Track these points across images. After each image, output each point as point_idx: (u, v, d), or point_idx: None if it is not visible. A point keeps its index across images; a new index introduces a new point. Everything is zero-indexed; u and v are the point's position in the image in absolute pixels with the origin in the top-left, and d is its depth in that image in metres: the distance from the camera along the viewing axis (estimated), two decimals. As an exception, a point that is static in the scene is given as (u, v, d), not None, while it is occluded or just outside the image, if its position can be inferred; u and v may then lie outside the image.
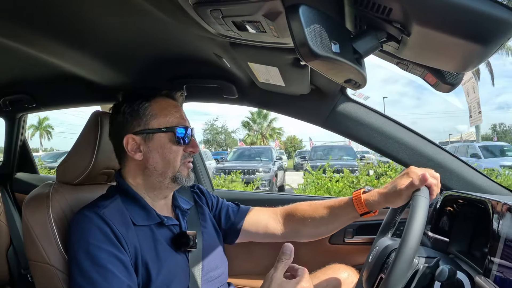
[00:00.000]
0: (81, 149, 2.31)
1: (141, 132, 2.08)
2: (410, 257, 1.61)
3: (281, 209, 2.51)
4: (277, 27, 1.61)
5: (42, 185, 2.28)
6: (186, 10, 1.73)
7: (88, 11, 2.12)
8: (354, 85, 1.53)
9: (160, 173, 2.09)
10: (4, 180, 4.62)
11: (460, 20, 1.17)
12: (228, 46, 2.18)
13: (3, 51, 2.79)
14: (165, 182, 2.10)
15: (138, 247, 1.92)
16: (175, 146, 2.07)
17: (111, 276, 1.76)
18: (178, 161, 2.08)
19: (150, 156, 2.08)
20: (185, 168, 2.12)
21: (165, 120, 2.09)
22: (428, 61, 1.61)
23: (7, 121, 4.60)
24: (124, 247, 1.86)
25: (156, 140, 2.07)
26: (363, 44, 1.43)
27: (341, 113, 2.71)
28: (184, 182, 2.11)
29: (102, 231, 1.84)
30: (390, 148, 2.67)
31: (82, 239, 1.82)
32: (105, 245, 1.81)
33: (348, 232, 3.10)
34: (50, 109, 4.15)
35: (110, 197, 2.05)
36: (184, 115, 2.17)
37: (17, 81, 3.69)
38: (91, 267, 1.76)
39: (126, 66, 2.97)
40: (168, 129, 2.07)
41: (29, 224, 2.08)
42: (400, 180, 2.03)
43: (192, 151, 2.13)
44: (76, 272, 1.78)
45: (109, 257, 1.80)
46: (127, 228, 1.93)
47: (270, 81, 2.51)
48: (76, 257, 1.80)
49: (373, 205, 2.14)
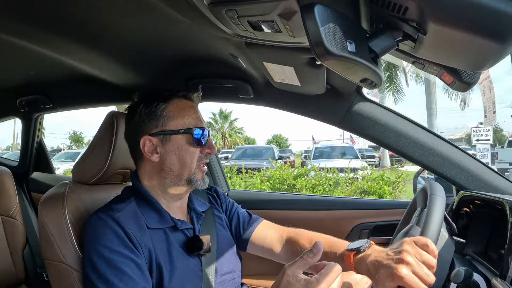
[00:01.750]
0: (97, 149, 2.32)
1: (158, 133, 2.08)
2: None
3: (288, 233, 2.45)
4: (292, 26, 1.61)
5: (58, 184, 2.29)
6: (201, 10, 1.73)
7: (104, 12, 2.13)
8: (370, 84, 1.51)
9: (176, 175, 2.09)
10: (20, 179, 4.63)
11: (477, 18, 1.16)
12: (244, 46, 2.18)
13: (20, 53, 2.81)
14: (180, 184, 2.10)
15: (152, 250, 1.93)
16: (193, 148, 2.07)
17: (127, 278, 1.78)
18: (194, 163, 2.08)
19: (167, 158, 2.08)
20: (200, 171, 2.11)
21: (182, 121, 2.09)
22: (444, 60, 1.60)
23: (23, 122, 4.62)
24: (139, 250, 1.87)
25: (173, 141, 2.07)
26: (379, 43, 1.42)
27: (357, 113, 2.70)
28: (198, 185, 2.10)
29: (117, 234, 1.85)
30: (406, 148, 2.65)
31: (97, 243, 1.84)
32: (120, 248, 1.83)
33: (363, 233, 3.09)
34: (66, 109, 4.17)
35: (125, 200, 2.05)
36: (201, 116, 2.17)
37: (34, 81, 3.71)
38: (107, 269, 1.78)
39: (142, 67, 2.98)
40: (186, 130, 2.07)
41: (45, 223, 2.10)
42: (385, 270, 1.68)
43: (208, 152, 2.12)
44: (92, 275, 1.79)
45: (125, 260, 1.81)
46: (142, 231, 1.94)
47: (285, 81, 2.50)
48: (92, 260, 1.81)
49: (361, 271, 1.90)
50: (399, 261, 1.56)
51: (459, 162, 2.57)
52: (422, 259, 1.56)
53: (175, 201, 2.16)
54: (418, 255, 1.56)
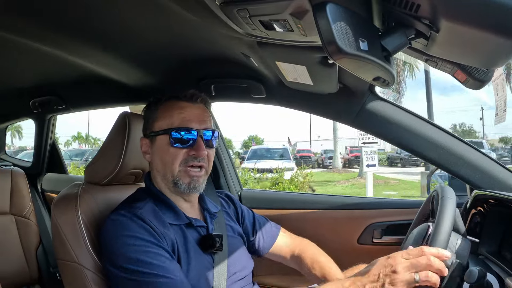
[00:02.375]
0: (109, 150, 2.34)
1: (147, 135, 2.16)
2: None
3: (299, 248, 2.60)
4: (304, 25, 1.60)
5: (71, 185, 2.30)
6: (213, 10, 1.73)
7: (117, 13, 2.14)
8: (383, 83, 1.51)
9: (162, 176, 2.13)
10: (34, 180, 4.66)
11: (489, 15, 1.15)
12: (256, 45, 2.18)
13: (33, 54, 2.83)
14: (169, 186, 2.12)
15: (175, 243, 1.97)
16: (173, 148, 2.07)
17: (164, 259, 1.84)
18: (176, 165, 2.08)
19: (153, 158, 2.16)
20: (186, 176, 2.09)
21: (165, 122, 2.11)
22: (457, 57, 1.59)
23: (36, 123, 4.65)
24: (163, 239, 1.92)
25: (157, 142, 2.12)
26: (392, 42, 1.41)
27: (370, 112, 2.68)
28: (184, 190, 2.10)
29: (142, 226, 1.89)
30: (420, 147, 2.63)
31: (123, 235, 1.87)
32: (147, 237, 1.87)
33: (376, 232, 3.07)
34: (79, 110, 4.20)
35: (142, 200, 2.08)
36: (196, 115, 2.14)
37: (47, 83, 3.74)
38: (138, 253, 1.82)
39: (154, 67, 2.99)
40: (165, 131, 2.09)
41: (58, 223, 2.11)
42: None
43: (194, 154, 2.09)
44: (125, 263, 1.82)
45: (154, 245, 1.86)
46: (164, 226, 1.98)
47: (298, 80, 2.49)
48: (121, 252, 1.84)
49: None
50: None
51: (473, 161, 2.55)
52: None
53: (182, 202, 2.18)
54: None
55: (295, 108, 3.04)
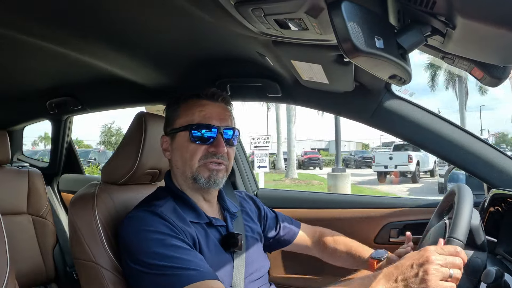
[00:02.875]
0: (126, 150, 2.35)
1: (168, 132, 2.17)
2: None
3: (320, 233, 2.69)
4: (319, 24, 1.60)
5: (88, 185, 2.32)
6: (228, 10, 1.73)
7: (133, 15, 2.16)
8: (399, 81, 1.50)
9: (182, 172, 2.13)
10: (50, 180, 4.71)
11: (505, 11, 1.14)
12: (271, 44, 2.18)
13: (50, 56, 2.86)
14: (189, 183, 2.12)
15: (197, 240, 1.97)
16: (193, 145, 2.07)
17: (188, 251, 1.84)
18: (195, 161, 2.08)
19: (173, 155, 2.16)
20: (205, 170, 2.09)
21: (185, 119, 2.12)
22: (474, 54, 1.58)
23: (53, 123, 4.71)
24: (185, 235, 1.92)
25: (178, 139, 2.12)
26: (408, 39, 1.40)
27: (386, 110, 2.67)
28: (203, 184, 2.10)
29: (161, 223, 1.89)
30: (437, 145, 2.61)
31: (145, 230, 1.87)
32: (169, 231, 1.87)
33: (393, 231, 3.06)
34: (95, 110, 4.24)
35: (162, 198, 2.09)
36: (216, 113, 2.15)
37: (63, 84, 3.77)
38: (161, 247, 1.81)
39: (170, 67, 3.00)
40: (185, 127, 2.09)
41: (75, 223, 2.13)
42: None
43: (213, 151, 2.09)
44: (148, 258, 1.81)
45: (176, 239, 1.86)
46: (184, 223, 1.98)
47: (313, 78, 2.49)
48: (143, 248, 1.84)
49: None
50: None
51: (491, 160, 2.53)
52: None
53: (201, 201, 2.18)
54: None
55: (311, 107, 3.04)
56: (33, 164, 4.88)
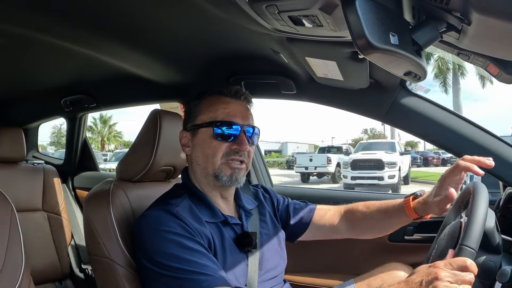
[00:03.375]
0: (141, 147, 2.36)
1: (189, 128, 2.16)
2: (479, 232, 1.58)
3: (345, 206, 2.55)
4: (334, 20, 1.59)
5: (103, 182, 2.33)
6: (242, 7, 1.73)
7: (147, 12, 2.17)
8: (414, 77, 1.50)
9: (203, 169, 2.12)
10: (65, 177, 4.74)
11: None
12: (285, 41, 2.17)
13: (65, 54, 2.89)
14: (209, 180, 2.12)
15: (212, 240, 1.97)
16: (216, 142, 2.07)
17: (202, 255, 1.83)
18: (218, 158, 2.07)
19: (193, 151, 2.15)
20: (228, 168, 2.09)
21: (209, 115, 2.11)
22: (489, 50, 1.57)
23: (68, 121, 4.76)
24: (200, 235, 1.92)
25: (199, 135, 2.12)
26: (423, 35, 1.39)
27: (401, 107, 2.65)
28: (225, 182, 2.09)
29: (177, 223, 1.89)
30: (452, 143, 2.59)
31: (161, 229, 1.87)
32: (183, 232, 1.87)
33: (408, 229, 3.04)
34: (110, 108, 4.28)
35: (179, 196, 2.09)
36: (239, 111, 2.15)
37: (78, 82, 3.81)
38: (177, 248, 1.82)
39: (184, 65, 3.01)
40: (208, 124, 2.09)
41: (90, 220, 2.14)
42: (439, 191, 2.06)
43: (236, 149, 2.08)
44: (164, 260, 1.81)
45: (193, 242, 1.86)
46: (200, 223, 1.98)
47: (328, 75, 2.48)
48: (158, 248, 1.84)
49: (421, 212, 2.20)
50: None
51: (506, 158, 2.51)
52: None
53: (218, 198, 2.18)
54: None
55: (326, 104, 3.02)
56: (48, 162, 4.92)
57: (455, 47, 1.66)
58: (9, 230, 1.62)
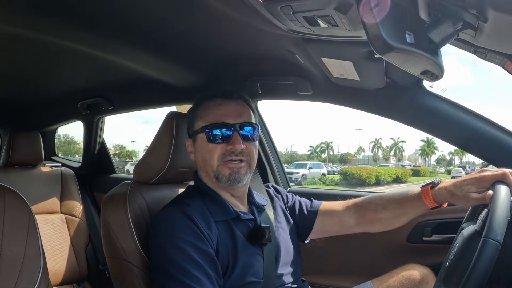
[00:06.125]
0: (157, 150, 2.37)
1: (190, 135, 2.21)
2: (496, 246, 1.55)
3: (353, 200, 2.49)
4: (349, 20, 1.59)
5: (120, 184, 2.35)
6: (257, 8, 1.73)
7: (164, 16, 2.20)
8: (431, 76, 1.49)
9: (205, 173, 2.16)
10: (83, 180, 4.76)
11: None
12: (301, 42, 2.17)
13: (83, 58, 2.93)
14: (213, 182, 2.14)
15: (219, 241, 1.99)
16: (211, 145, 2.09)
17: (199, 267, 1.85)
18: (214, 160, 2.09)
19: (196, 156, 2.20)
20: (226, 168, 2.10)
21: (202, 120, 2.14)
22: (507, 47, 1.56)
23: (85, 124, 4.78)
24: (208, 241, 1.93)
25: (198, 140, 2.16)
26: (439, 33, 1.39)
27: (418, 107, 2.62)
28: (225, 183, 2.11)
29: (189, 226, 1.92)
30: (471, 142, 2.57)
31: (170, 233, 1.91)
32: (193, 239, 1.89)
33: (426, 230, 3.01)
34: (126, 111, 4.30)
35: (191, 196, 2.12)
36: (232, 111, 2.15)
37: (95, 85, 3.85)
38: (181, 257, 1.85)
39: (201, 67, 3.03)
40: (201, 128, 2.12)
41: (108, 222, 2.17)
42: (472, 186, 1.99)
43: (231, 149, 2.09)
44: (168, 264, 1.85)
45: (197, 250, 1.88)
46: (209, 224, 1.99)
47: (344, 76, 2.47)
48: (167, 250, 1.88)
49: (441, 200, 2.16)
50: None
51: None
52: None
53: (229, 197, 2.19)
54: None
55: (342, 105, 3.01)
56: (66, 164, 4.94)
57: (472, 45, 1.66)
58: (28, 233, 1.64)
